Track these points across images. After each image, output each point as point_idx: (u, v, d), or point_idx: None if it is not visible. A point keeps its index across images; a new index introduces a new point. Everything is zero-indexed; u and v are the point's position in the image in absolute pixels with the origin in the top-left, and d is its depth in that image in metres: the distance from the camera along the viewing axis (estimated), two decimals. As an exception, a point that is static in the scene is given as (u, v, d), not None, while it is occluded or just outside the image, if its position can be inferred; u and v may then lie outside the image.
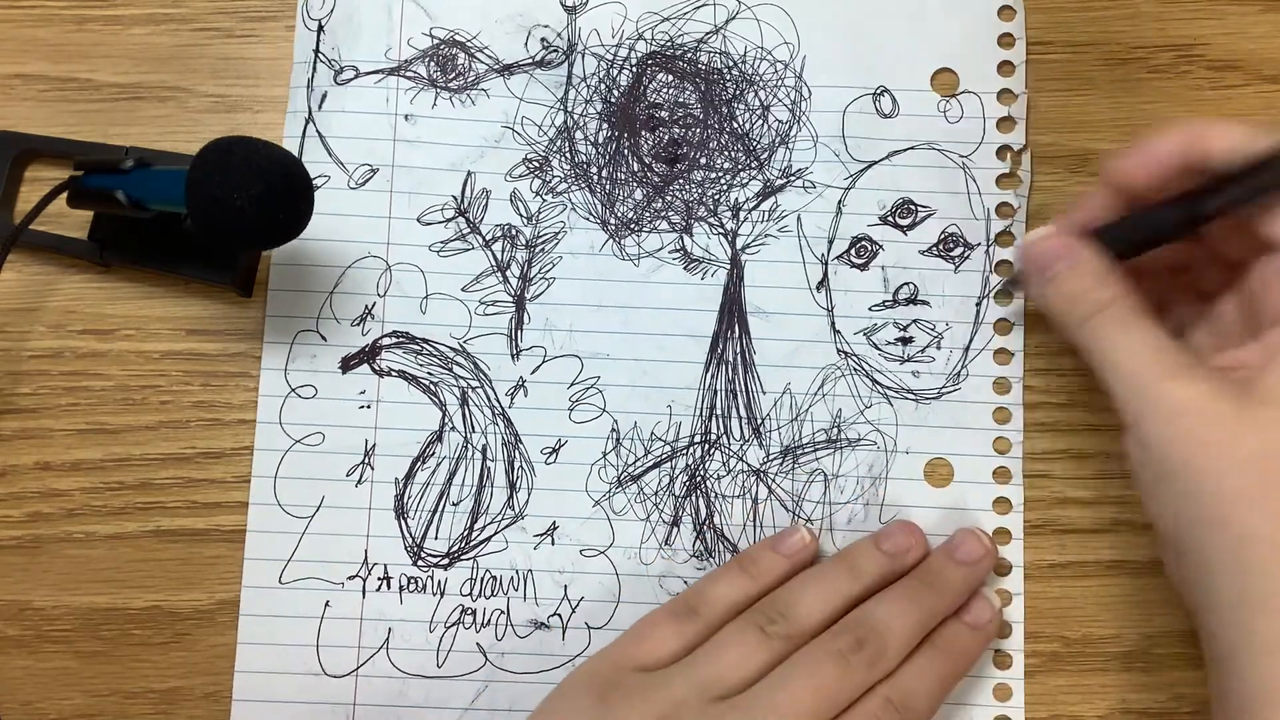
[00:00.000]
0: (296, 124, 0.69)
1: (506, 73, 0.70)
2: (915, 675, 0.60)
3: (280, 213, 0.59)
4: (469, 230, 0.69)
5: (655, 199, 0.69)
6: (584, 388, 0.68)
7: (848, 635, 0.59)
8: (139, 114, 0.70)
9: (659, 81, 0.70)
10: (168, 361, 0.68)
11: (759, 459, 0.67)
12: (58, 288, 0.69)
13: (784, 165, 0.69)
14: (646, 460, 0.67)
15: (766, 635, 0.59)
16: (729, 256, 0.68)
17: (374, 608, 0.66)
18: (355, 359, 0.68)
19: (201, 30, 0.71)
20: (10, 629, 0.67)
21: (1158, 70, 0.70)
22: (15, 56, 0.70)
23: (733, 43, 0.70)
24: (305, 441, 0.67)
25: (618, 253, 0.68)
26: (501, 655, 0.66)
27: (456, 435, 0.67)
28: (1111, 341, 0.57)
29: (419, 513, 0.67)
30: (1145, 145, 0.58)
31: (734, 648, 0.59)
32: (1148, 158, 0.58)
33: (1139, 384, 0.56)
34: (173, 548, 0.67)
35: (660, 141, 0.69)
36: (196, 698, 0.66)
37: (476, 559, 0.67)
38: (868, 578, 0.62)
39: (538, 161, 0.69)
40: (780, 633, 0.59)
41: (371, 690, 0.66)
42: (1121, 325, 0.57)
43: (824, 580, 0.62)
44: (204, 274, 0.67)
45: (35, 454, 0.68)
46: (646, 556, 0.67)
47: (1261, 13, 0.71)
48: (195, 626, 0.67)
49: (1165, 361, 0.56)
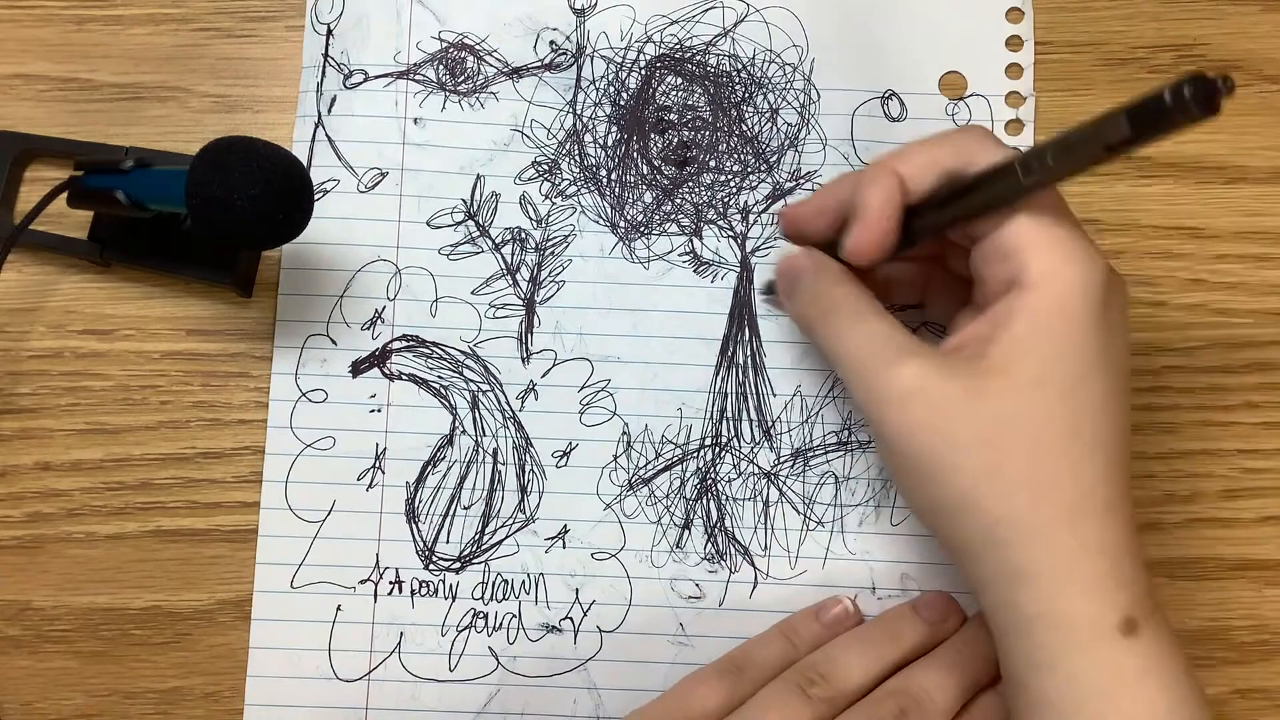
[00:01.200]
0: (306, 128, 0.69)
1: (515, 76, 0.70)
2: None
3: (280, 213, 0.58)
4: (479, 233, 0.68)
5: (665, 202, 0.69)
6: (594, 391, 0.68)
7: (891, 703, 0.59)
8: (139, 114, 0.70)
9: (668, 84, 0.70)
10: (168, 361, 0.68)
11: (770, 462, 0.67)
12: (58, 288, 0.68)
13: (793, 168, 0.69)
14: (657, 463, 0.67)
15: (808, 697, 0.59)
16: (739, 259, 0.69)
17: (386, 612, 0.66)
18: (366, 363, 0.67)
19: (201, 30, 0.71)
20: (10, 629, 0.66)
21: (1158, 70, 0.71)
22: (15, 56, 0.70)
23: (741, 45, 0.70)
24: (316, 446, 0.67)
25: (628, 256, 0.68)
26: (513, 659, 0.66)
27: (467, 439, 0.67)
28: (839, 334, 0.58)
29: (430, 516, 0.67)
30: (862, 218, 0.57)
31: (775, 710, 0.59)
32: (873, 228, 0.57)
33: (866, 374, 0.56)
34: (173, 548, 0.67)
35: (669, 144, 0.69)
36: (196, 698, 0.66)
37: (488, 562, 0.67)
38: (907, 644, 0.63)
39: (547, 164, 0.69)
40: (822, 695, 0.60)
41: (384, 694, 0.66)
42: (851, 319, 0.57)
43: (866, 643, 0.62)
44: (204, 274, 0.67)
45: (35, 454, 0.67)
46: (658, 559, 0.67)
47: (1261, 13, 0.71)
48: (195, 626, 0.67)
49: (890, 349, 0.55)
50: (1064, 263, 0.53)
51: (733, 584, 0.67)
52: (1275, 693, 0.67)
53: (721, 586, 0.67)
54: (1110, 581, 0.52)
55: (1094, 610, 0.52)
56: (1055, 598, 0.53)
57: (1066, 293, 0.53)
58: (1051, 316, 0.53)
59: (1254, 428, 0.69)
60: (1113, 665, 0.52)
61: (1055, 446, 0.53)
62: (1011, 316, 0.53)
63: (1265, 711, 0.67)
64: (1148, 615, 0.53)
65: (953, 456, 0.53)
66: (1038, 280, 0.53)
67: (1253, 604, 0.68)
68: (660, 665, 0.66)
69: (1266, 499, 0.68)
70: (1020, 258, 0.53)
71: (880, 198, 0.56)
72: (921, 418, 0.54)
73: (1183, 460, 0.68)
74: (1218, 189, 0.70)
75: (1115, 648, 0.52)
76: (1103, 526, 0.53)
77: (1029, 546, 0.53)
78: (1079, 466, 0.53)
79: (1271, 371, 0.69)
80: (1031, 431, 0.53)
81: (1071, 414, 0.53)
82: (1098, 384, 0.53)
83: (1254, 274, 0.69)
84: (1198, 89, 0.46)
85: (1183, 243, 0.69)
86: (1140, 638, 0.52)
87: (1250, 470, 0.68)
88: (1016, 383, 0.53)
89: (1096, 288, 0.53)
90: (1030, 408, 0.53)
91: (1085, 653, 0.52)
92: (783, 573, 0.67)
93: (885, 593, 0.67)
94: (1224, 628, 0.68)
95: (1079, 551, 0.52)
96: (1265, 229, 0.70)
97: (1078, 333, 0.53)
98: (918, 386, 0.54)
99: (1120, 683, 0.52)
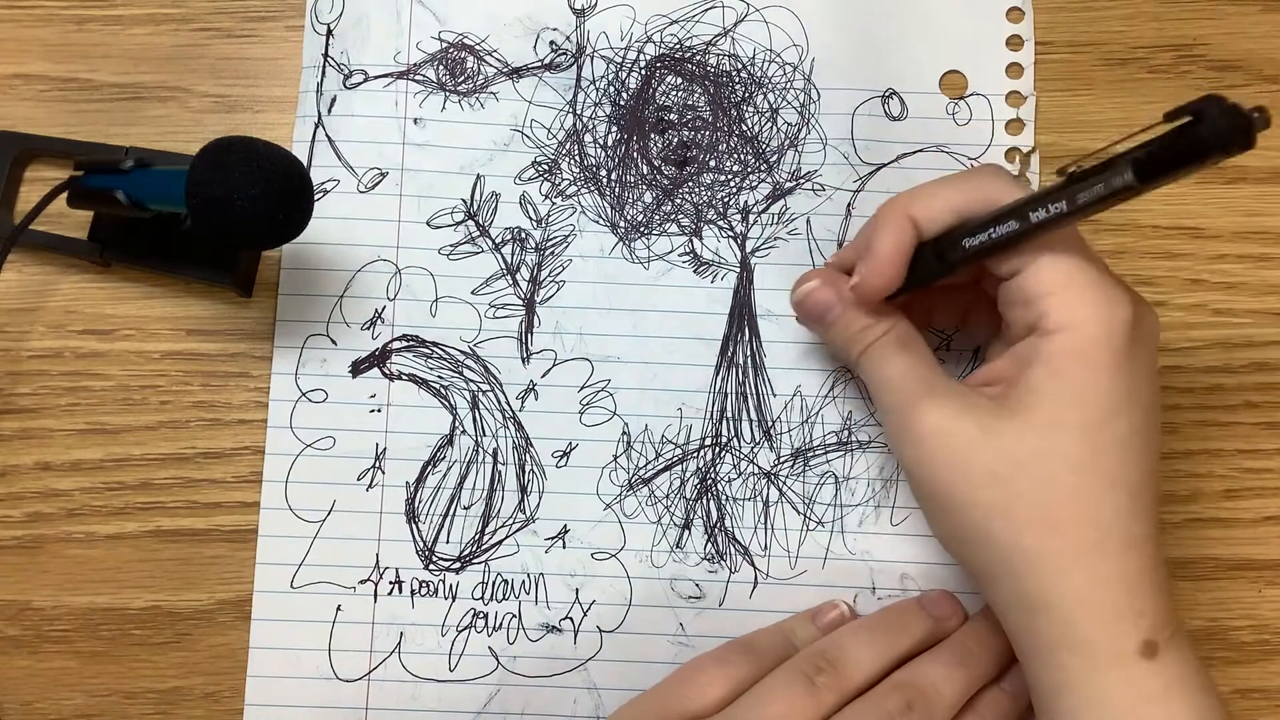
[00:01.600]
0: (306, 128, 0.69)
1: (515, 76, 0.70)
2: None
3: (280, 213, 0.58)
4: (479, 233, 0.68)
5: (665, 202, 0.69)
6: (594, 391, 0.68)
7: (898, 695, 0.59)
8: (139, 114, 0.70)
9: (668, 84, 0.70)
10: (168, 361, 0.68)
11: (770, 461, 0.67)
12: (58, 288, 0.68)
13: (793, 168, 0.69)
14: (657, 463, 0.67)
15: (814, 686, 0.59)
16: (739, 259, 0.69)
17: (386, 612, 0.66)
18: (365, 363, 0.67)
19: (201, 30, 0.71)
20: (10, 629, 0.66)
21: (1158, 70, 0.71)
22: (15, 56, 0.70)
23: (741, 45, 0.70)
24: (316, 446, 0.67)
25: (627, 256, 0.68)
26: (513, 659, 0.66)
27: (467, 439, 0.67)
28: (875, 373, 0.60)
29: (430, 516, 0.67)
30: (871, 260, 0.59)
31: (781, 700, 0.59)
32: (881, 272, 0.58)
33: (895, 411, 0.58)
34: (173, 548, 0.67)
35: (669, 144, 0.69)
36: (196, 698, 0.66)
37: (488, 562, 0.67)
38: (913, 636, 0.63)
39: (547, 164, 0.69)
40: (828, 684, 0.59)
41: (384, 694, 0.66)
42: (883, 357, 0.60)
43: (874, 632, 0.63)
44: (204, 274, 0.67)
45: (35, 454, 0.67)
46: (658, 559, 0.67)
47: (1261, 13, 0.71)
48: (195, 626, 0.67)
49: (918, 387, 0.58)
50: (1083, 309, 0.54)
51: (733, 584, 0.67)
52: (1275, 693, 0.67)
53: (721, 586, 0.67)
54: (1127, 610, 0.54)
55: (1111, 637, 0.53)
56: (1072, 626, 0.54)
57: (1085, 340, 0.54)
58: (1070, 362, 0.54)
59: (1254, 428, 0.69)
60: (1134, 685, 0.53)
61: (1070, 486, 0.54)
62: (1031, 361, 0.55)
63: (1265, 711, 0.67)
64: (1169, 637, 0.54)
65: (968, 492, 0.55)
66: (1056, 327, 0.54)
67: (1252, 604, 0.68)
68: (660, 665, 0.66)
69: (1266, 499, 0.68)
70: (1040, 305, 0.55)
71: (890, 243, 0.58)
72: (940, 455, 0.56)
73: (1183, 460, 0.68)
74: (1218, 189, 0.70)
75: (1136, 669, 0.53)
76: (1120, 561, 0.54)
77: (1042, 578, 0.54)
78: (1097, 506, 0.54)
79: (1271, 371, 0.69)
80: (1045, 471, 0.54)
81: (1090, 455, 0.54)
82: (1120, 424, 0.54)
83: (1254, 274, 0.69)
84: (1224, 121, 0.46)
85: (1183, 243, 0.70)
86: (1161, 659, 0.54)
87: (1250, 470, 0.68)
88: (1032, 424, 0.54)
89: (1118, 332, 0.54)
90: (1044, 449, 0.54)
91: (1106, 675, 0.54)
92: (783, 573, 0.67)
93: (885, 593, 0.67)
94: (1224, 628, 0.68)
95: (1093, 584, 0.54)
96: (1265, 229, 0.70)
97: (1098, 377, 0.54)
98: (938, 427, 0.56)
99: (1143, 700, 0.53)
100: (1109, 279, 0.55)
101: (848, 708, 0.59)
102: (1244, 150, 0.46)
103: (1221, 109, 0.46)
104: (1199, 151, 0.47)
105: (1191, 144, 0.47)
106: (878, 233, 0.58)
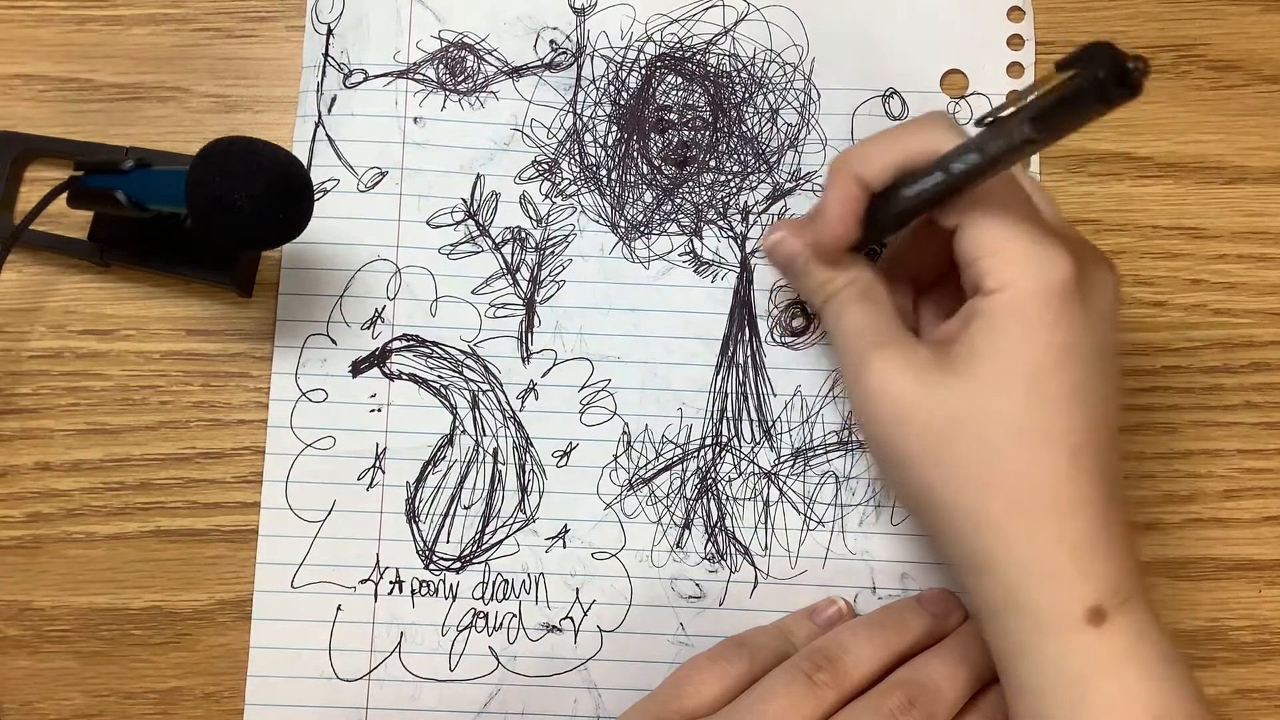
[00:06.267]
0: (306, 128, 0.69)
1: (515, 75, 0.70)
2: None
3: (280, 213, 0.58)
4: (479, 233, 0.68)
5: (665, 202, 0.69)
6: (595, 391, 0.68)
7: (899, 693, 0.59)
8: (139, 114, 0.70)
9: (668, 84, 0.70)
10: (168, 361, 0.68)
11: (770, 461, 0.67)
12: (58, 288, 0.68)
13: (793, 168, 0.69)
14: (657, 463, 0.67)
15: (814, 684, 0.59)
16: (739, 259, 0.69)
17: (386, 611, 0.66)
18: (366, 362, 0.67)
19: (201, 30, 0.71)
20: (10, 629, 0.66)
21: (1158, 70, 0.71)
22: (15, 56, 0.70)
23: (741, 45, 0.70)
24: (316, 446, 0.67)
25: (628, 255, 0.68)
26: (514, 658, 0.66)
27: (467, 439, 0.67)
28: (834, 323, 0.61)
29: (430, 516, 0.67)
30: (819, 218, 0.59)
31: (781, 698, 0.59)
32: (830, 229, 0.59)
33: (848, 362, 0.59)
34: (173, 548, 0.67)
35: (669, 144, 0.69)
36: (196, 698, 0.66)
37: (488, 562, 0.67)
38: (913, 634, 0.63)
39: (547, 164, 0.69)
40: (828, 682, 0.59)
41: (384, 694, 0.66)
42: (842, 308, 0.60)
43: (873, 630, 0.62)
44: (204, 274, 0.67)
45: (35, 454, 0.67)
46: (658, 559, 0.67)
47: (1261, 13, 0.71)
48: (195, 626, 0.67)
49: (872, 339, 0.58)
50: (1019, 267, 0.54)
51: (733, 584, 0.67)
52: (1275, 693, 0.67)
53: (722, 586, 0.67)
54: (1071, 574, 0.53)
55: (1055, 601, 0.53)
56: (1015, 589, 0.54)
57: (1021, 296, 0.54)
58: (1006, 319, 0.54)
59: (1254, 428, 0.69)
60: (1083, 652, 0.53)
61: (1004, 445, 0.54)
62: (971, 319, 0.55)
63: (1265, 711, 0.67)
64: (1120, 604, 0.53)
65: (908, 445, 0.56)
66: (995, 286, 0.54)
67: (1252, 604, 0.68)
68: (660, 665, 0.66)
69: (1266, 499, 0.68)
70: (981, 265, 0.55)
71: (836, 200, 0.58)
72: (884, 409, 0.56)
73: (1183, 460, 0.68)
74: (1218, 189, 0.70)
75: (1083, 635, 0.53)
76: (1060, 523, 0.54)
77: (983, 537, 0.54)
78: (1034, 464, 0.54)
79: (1271, 371, 0.69)
80: (980, 429, 0.54)
81: (1025, 413, 0.54)
82: (1058, 380, 0.54)
83: (1254, 274, 0.69)
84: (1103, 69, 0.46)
85: (1183, 243, 0.70)
86: (1111, 626, 0.53)
87: (1250, 470, 0.68)
88: (967, 381, 0.55)
89: (1057, 289, 0.54)
90: (980, 406, 0.54)
91: (1053, 640, 0.53)
92: (783, 572, 0.67)
93: (885, 592, 0.67)
94: (1223, 628, 0.67)
95: (1031, 547, 0.54)
96: (1265, 229, 0.70)
97: (1034, 333, 0.54)
98: (882, 378, 0.56)
99: (1094, 669, 0.53)
100: (1048, 237, 0.55)
101: (848, 706, 0.59)
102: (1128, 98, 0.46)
103: (1099, 57, 0.46)
104: (1083, 100, 0.47)
105: (1076, 93, 0.48)
106: (826, 190, 0.59)
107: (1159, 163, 0.70)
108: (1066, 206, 0.69)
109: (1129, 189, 0.70)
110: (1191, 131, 0.70)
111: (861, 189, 0.58)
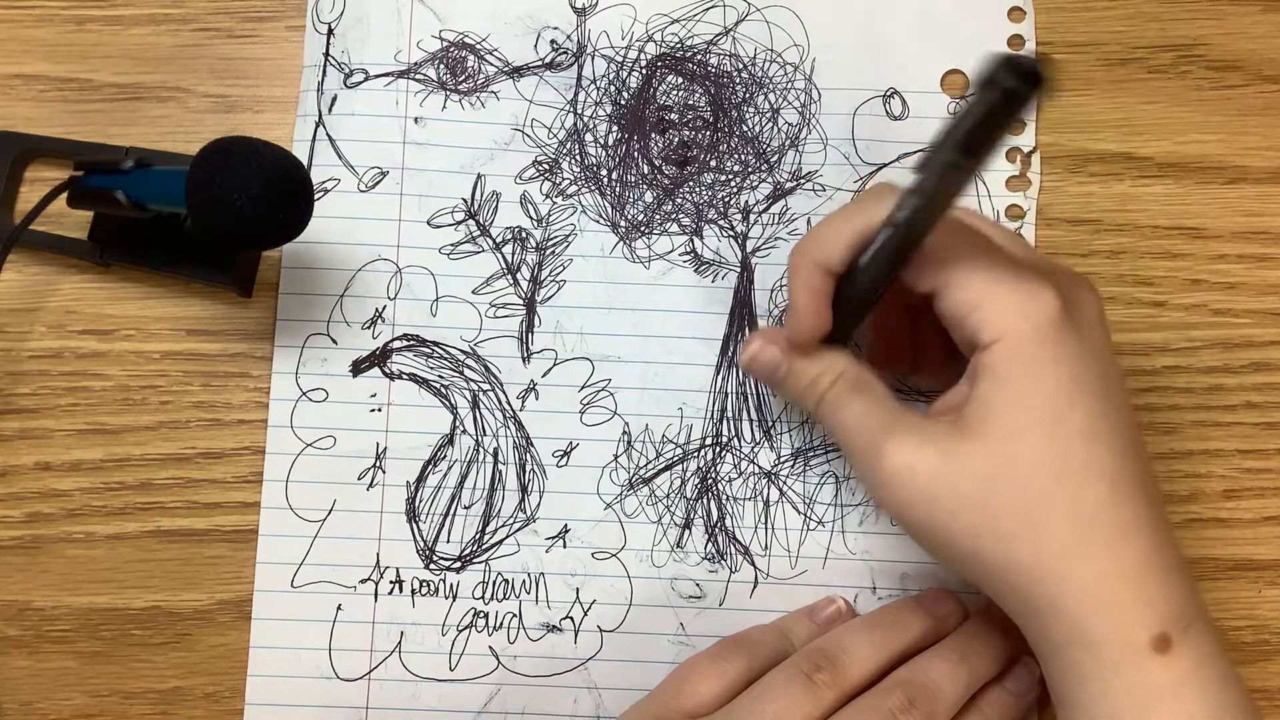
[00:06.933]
0: (307, 127, 0.69)
1: (516, 75, 0.70)
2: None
3: (280, 213, 0.58)
4: (479, 233, 0.68)
5: (665, 201, 0.69)
6: (595, 390, 0.68)
7: (899, 693, 0.59)
8: (139, 114, 0.70)
9: (669, 84, 0.70)
10: (168, 361, 0.68)
11: (770, 461, 0.67)
12: (58, 288, 0.68)
13: (794, 168, 0.69)
14: (658, 463, 0.67)
15: (813, 684, 0.59)
16: (739, 259, 0.69)
17: (386, 611, 0.66)
18: (366, 362, 0.67)
19: (201, 30, 0.71)
20: (10, 629, 0.66)
21: (1158, 70, 0.71)
22: (15, 56, 0.70)
23: (742, 45, 0.70)
24: (317, 445, 0.67)
25: (628, 255, 0.68)
26: (514, 658, 0.66)
27: (468, 438, 0.67)
28: (833, 421, 0.59)
29: (431, 516, 0.67)
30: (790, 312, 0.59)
31: (780, 698, 0.59)
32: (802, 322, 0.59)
33: (858, 456, 0.58)
34: (173, 548, 0.67)
35: (670, 144, 0.69)
36: (196, 698, 0.66)
37: (488, 562, 0.67)
38: (912, 635, 0.63)
39: (548, 164, 0.69)
40: (827, 681, 0.59)
41: (384, 694, 0.66)
42: (837, 404, 0.59)
43: (873, 630, 0.62)
44: (204, 274, 0.67)
45: (35, 454, 0.67)
46: (658, 559, 0.67)
47: (1261, 13, 0.71)
48: (195, 626, 0.67)
49: (876, 428, 0.57)
50: (1009, 314, 0.54)
51: (733, 584, 0.67)
52: (1275, 693, 0.67)
53: (722, 586, 0.67)
54: (1134, 603, 0.53)
55: (1121, 633, 0.53)
56: (1078, 625, 0.53)
57: (1019, 342, 0.54)
58: (1010, 368, 0.54)
59: (1254, 428, 0.69)
60: (1146, 681, 0.53)
61: (1043, 489, 0.54)
62: (978, 376, 0.55)
63: (1266, 711, 0.67)
64: (1184, 629, 0.53)
65: (947, 521, 0.55)
66: (990, 337, 0.54)
67: (1252, 604, 0.68)
68: (661, 665, 0.65)
69: (1266, 499, 0.68)
70: (970, 323, 0.55)
71: (802, 291, 0.58)
72: (910, 492, 0.55)
73: (1183, 460, 0.68)
74: (1218, 189, 0.70)
75: (1149, 663, 0.53)
76: (1117, 552, 0.53)
77: (1043, 586, 0.54)
78: (1077, 501, 0.53)
79: (1271, 371, 0.69)
80: (1015, 481, 0.54)
81: (1054, 452, 0.54)
82: (1077, 415, 0.54)
83: (1254, 274, 0.69)
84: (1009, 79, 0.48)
85: (1183, 243, 0.70)
86: (1175, 652, 0.53)
87: (1250, 470, 0.68)
88: (990, 438, 0.54)
89: (1048, 324, 0.54)
90: (1009, 458, 0.54)
91: (1118, 670, 0.53)
92: (783, 572, 0.67)
93: (885, 592, 0.67)
94: (1224, 628, 0.67)
95: (1093, 582, 0.53)
96: (1265, 229, 0.70)
97: (1040, 374, 0.54)
98: (901, 464, 0.55)
99: (1156, 696, 0.53)
100: (1027, 275, 0.54)
101: (848, 706, 0.59)
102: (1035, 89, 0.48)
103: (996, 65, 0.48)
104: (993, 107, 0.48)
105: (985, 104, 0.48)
106: (790, 284, 0.59)
107: (1159, 163, 0.70)
108: (1067, 207, 0.69)
109: (1129, 189, 0.70)
110: (1192, 131, 0.70)
111: (824, 274, 0.57)
